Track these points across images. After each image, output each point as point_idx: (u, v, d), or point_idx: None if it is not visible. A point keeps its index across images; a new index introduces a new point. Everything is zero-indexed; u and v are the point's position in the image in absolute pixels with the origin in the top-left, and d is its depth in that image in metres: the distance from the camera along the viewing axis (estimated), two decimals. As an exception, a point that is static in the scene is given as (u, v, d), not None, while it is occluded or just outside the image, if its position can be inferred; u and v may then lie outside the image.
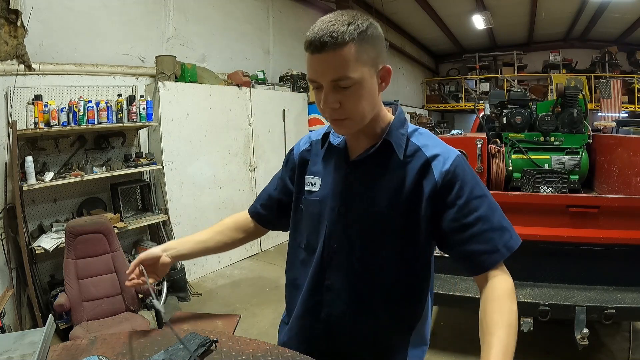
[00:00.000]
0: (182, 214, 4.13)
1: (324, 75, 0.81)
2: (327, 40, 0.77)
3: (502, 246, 0.88)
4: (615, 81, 10.06)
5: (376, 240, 0.94)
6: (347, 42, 0.78)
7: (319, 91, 0.85)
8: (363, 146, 0.95)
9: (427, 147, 0.93)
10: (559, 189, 2.79)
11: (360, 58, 0.80)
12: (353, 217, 0.95)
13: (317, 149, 1.04)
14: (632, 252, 2.31)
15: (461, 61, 13.20)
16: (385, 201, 0.92)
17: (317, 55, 0.80)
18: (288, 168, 1.11)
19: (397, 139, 0.93)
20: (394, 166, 0.92)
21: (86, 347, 1.06)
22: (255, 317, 3.34)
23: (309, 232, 1.02)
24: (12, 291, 2.90)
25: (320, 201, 0.99)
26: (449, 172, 0.89)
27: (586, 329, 2.13)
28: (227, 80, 4.84)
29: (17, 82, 3.08)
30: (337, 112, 0.85)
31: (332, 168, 0.99)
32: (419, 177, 0.90)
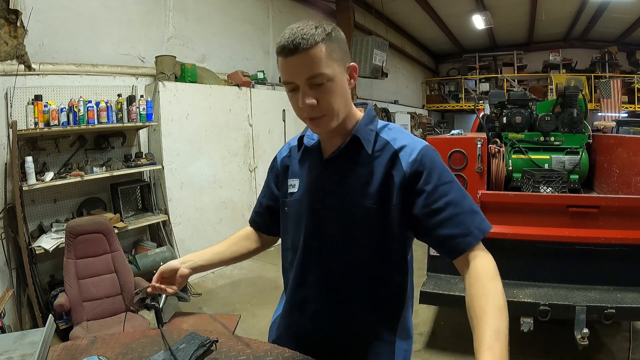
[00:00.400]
0: (182, 214, 4.13)
1: (299, 74, 0.86)
2: (300, 41, 0.84)
3: (475, 228, 0.90)
4: (615, 81, 10.07)
5: (353, 234, 0.97)
6: (318, 42, 0.85)
7: (295, 93, 0.89)
8: (335, 144, 0.99)
9: (395, 140, 0.97)
10: (559, 189, 2.79)
11: (331, 56, 0.87)
12: (329, 213, 0.98)
13: (295, 153, 1.09)
14: (632, 252, 2.31)
15: (461, 61, 13.20)
16: (358, 195, 0.95)
17: (291, 58, 0.85)
18: (273, 175, 1.16)
19: (365, 134, 0.97)
20: (364, 161, 0.96)
21: (86, 347, 1.06)
22: (255, 317, 3.34)
23: (292, 232, 1.06)
24: (12, 291, 2.90)
25: (299, 201, 1.03)
26: (416, 161, 0.93)
27: (586, 329, 2.13)
28: (227, 80, 4.84)
29: (17, 82, 3.08)
30: (315, 110, 0.89)
31: (308, 168, 1.04)
32: (389, 169, 0.94)
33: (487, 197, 2.53)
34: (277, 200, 1.13)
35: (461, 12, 8.82)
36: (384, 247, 0.98)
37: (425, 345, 2.85)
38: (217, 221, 4.50)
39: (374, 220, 0.95)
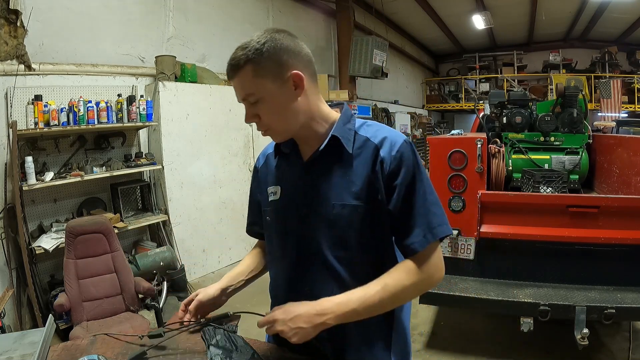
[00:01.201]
0: (182, 214, 4.13)
1: (237, 96, 0.94)
2: (229, 68, 0.91)
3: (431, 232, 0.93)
4: (615, 81, 10.07)
5: (343, 235, 0.96)
6: (242, 66, 0.89)
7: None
8: (312, 146, 0.99)
9: (374, 137, 0.97)
10: (559, 189, 2.79)
11: (258, 74, 0.89)
12: (316, 217, 0.97)
13: (272, 160, 1.09)
14: (632, 252, 2.32)
15: (461, 61, 13.21)
16: (346, 194, 0.95)
17: (231, 81, 0.93)
18: (254, 185, 1.17)
19: (344, 133, 0.97)
20: (346, 160, 0.96)
21: (86, 347, 1.06)
22: (255, 317, 3.34)
23: (278, 240, 1.05)
24: (12, 291, 2.90)
25: (283, 207, 1.02)
26: (397, 158, 0.93)
27: (586, 329, 2.13)
28: (227, 80, 4.83)
29: (17, 82, 3.08)
30: (259, 125, 0.95)
31: (288, 174, 1.04)
32: (372, 165, 0.94)
33: (487, 197, 2.53)
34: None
35: (461, 12, 8.83)
36: (375, 244, 0.98)
37: (425, 345, 2.85)
38: (217, 221, 4.50)
39: (362, 219, 0.95)
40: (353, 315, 0.90)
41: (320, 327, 0.88)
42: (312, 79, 0.96)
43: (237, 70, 0.90)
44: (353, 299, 0.89)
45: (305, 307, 0.89)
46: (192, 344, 1.05)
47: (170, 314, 2.88)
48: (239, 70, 0.90)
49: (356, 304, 0.89)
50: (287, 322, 0.88)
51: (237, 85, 0.92)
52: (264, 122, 0.94)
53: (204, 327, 1.07)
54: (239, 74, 0.90)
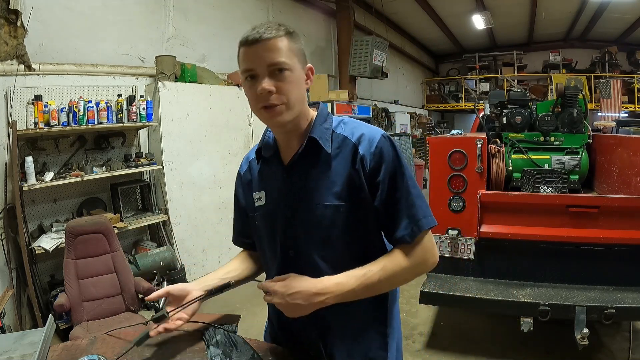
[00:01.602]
0: (182, 214, 4.13)
1: (261, 61, 0.89)
2: (264, 32, 0.88)
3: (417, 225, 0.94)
4: (615, 81, 10.07)
5: (328, 236, 0.96)
6: (281, 35, 0.90)
7: (254, 81, 0.91)
8: (293, 149, 1.00)
9: (352, 134, 0.98)
10: (559, 189, 2.79)
11: (292, 50, 0.91)
12: (300, 219, 0.97)
13: (255, 165, 1.09)
14: (632, 252, 2.31)
15: (461, 61, 13.21)
16: (326, 195, 0.95)
17: (254, 46, 0.89)
18: (239, 191, 1.15)
19: (321, 133, 0.98)
20: (325, 161, 0.97)
21: (86, 347, 1.06)
22: (255, 317, 3.34)
23: (267, 246, 1.05)
24: (12, 291, 2.90)
25: (269, 213, 1.02)
26: (376, 154, 0.94)
27: (586, 329, 2.13)
28: (227, 80, 4.84)
29: (17, 82, 3.08)
30: (273, 97, 0.90)
31: (271, 178, 1.04)
32: (352, 163, 0.95)
33: (487, 197, 2.53)
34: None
35: (461, 12, 8.83)
36: (359, 242, 0.98)
37: (425, 345, 2.85)
38: (217, 221, 4.50)
39: (345, 218, 0.95)
40: (351, 295, 0.91)
41: (317, 305, 0.89)
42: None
43: (273, 38, 0.88)
44: (352, 279, 0.90)
45: (306, 284, 0.89)
46: (192, 344, 1.05)
47: (170, 314, 2.89)
48: (276, 38, 0.89)
49: (355, 284, 0.90)
50: (285, 296, 0.89)
51: (268, 48, 0.88)
52: (282, 95, 0.90)
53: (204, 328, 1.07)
54: (272, 41, 0.88)
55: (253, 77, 0.91)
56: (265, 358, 0.98)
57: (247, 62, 0.91)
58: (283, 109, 0.91)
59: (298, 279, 0.90)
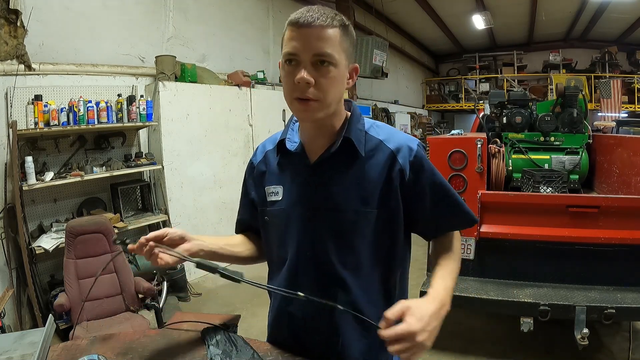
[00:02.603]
0: (182, 214, 4.13)
1: (308, 48, 0.82)
2: (318, 17, 0.82)
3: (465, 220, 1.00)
4: (615, 81, 10.07)
5: (350, 241, 0.92)
6: (335, 26, 0.83)
7: (294, 68, 0.84)
8: (321, 146, 0.94)
9: (388, 140, 0.94)
10: (559, 189, 2.79)
11: (342, 44, 0.85)
12: (323, 221, 0.93)
13: (273, 157, 1.02)
14: (632, 252, 2.31)
15: (461, 61, 13.21)
16: (356, 199, 0.91)
17: (305, 30, 0.82)
18: (249, 181, 1.08)
19: (356, 135, 0.93)
20: (358, 163, 0.92)
21: (86, 347, 1.06)
22: (255, 317, 3.34)
23: (277, 244, 1.00)
24: (12, 291, 2.90)
25: (286, 210, 0.96)
26: (416, 164, 0.92)
27: (586, 329, 2.13)
28: (227, 80, 4.84)
29: (17, 82, 3.08)
30: (310, 91, 0.84)
31: (292, 174, 0.97)
32: (387, 170, 0.91)
33: (487, 197, 2.53)
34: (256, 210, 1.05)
35: (461, 12, 8.83)
36: (383, 251, 0.95)
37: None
38: (217, 221, 4.50)
39: (373, 225, 0.91)
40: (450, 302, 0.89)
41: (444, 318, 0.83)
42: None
43: (327, 26, 0.82)
44: (448, 283, 0.90)
45: (427, 305, 0.80)
46: (192, 344, 1.05)
47: (170, 314, 2.88)
48: (329, 27, 0.82)
49: (452, 285, 0.90)
50: (427, 328, 0.76)
51: (318, 36, 0.81)
52: (320, 90, 0.84)
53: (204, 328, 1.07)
54: (326, 29, 0.82)
55: (293, 63, 0.84)
56: (265, 358, 0.98)
57: (292, 45, 0.83)
58: (317, 105, 0.85)
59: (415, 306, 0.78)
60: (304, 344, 0.99)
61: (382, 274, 0.97)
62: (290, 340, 1.01)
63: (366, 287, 0.95)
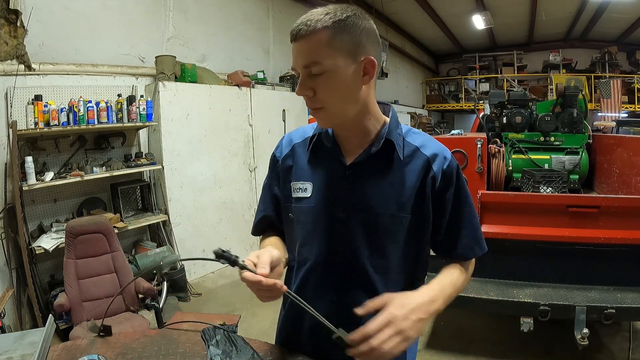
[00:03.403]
0: (182, 214, 4.13)
1: (298, 62, 0.83)
2: (301, 28, 0.80)
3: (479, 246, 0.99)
4: (615, 81, 10.06)
5: (382, 245, 0.92)
6: (319, 30, 0.80)
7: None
8: (356, 147, 0.93)
9: (424, 147, 0.94)
10: (559, 189, 2.79)
11: (333, 45, 0.80)
12: (356, 222, 0.91)
13: (302, 152, 0.99)
14: (632, 252, 2.31)
15: (461, 61, 13.20)
16: (392, 203, 0.90)
17: (294, 44, 0.82)
18: (273, 175, 1.04)
19: (397, 139, 0.92)
20: (396, 166, 0.92)
21: (86, 347, 1.06)
22: (255, 317, 3.34)
23: (301, 243, 0.97)
24: (12, 291, 2.90)
25: (315, 208, 0.94)
26: (447, 173, 0.92)
27: (586, 329, 2.13)
28: (227, 80, 4.84)
29: (17, 82, 3.08)
30: (312, 101, 0.85)
31: (324, 171, 0.95)
32: (422, 176, 0.91)
33: (487, 197, 2.53)
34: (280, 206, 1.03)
35: (461, 12, 8.82)
36: (412, 256, 0.95)
37: (425, 346, 2.85)
38: (217, 221, 4.50)
39: (406, 230, 0.91)
40: (448, 301, 0.89)
41: (432, 315, 0.84)
42: (378, 73, 0.89)
43: (309, 34, 0.79)
44: (446, 285, 0.90)
45: (416, 296, 0.82)
46: (192, 344, 1.05)
47: (170, 314, 2.88)
48: (312, 34, 0.79)
49: (449, 290, 0.90)
50: (408, 316, 0.77)
51: (302, 48, 0.81)
52: (320, 98, 0.84)
53: (204, 328, 1.07)
54: (309, 38, 0.80)
55: (298, 76, 0.85)
56: (265, 358, 0.98)
57: (292, 61, 0.84)
58: (325, 113, 0.86)
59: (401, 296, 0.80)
60: (321, 348, 0.97)
61: (407, 279, 0.96)
62: (307, 344, 0.99)
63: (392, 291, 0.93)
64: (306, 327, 0.99)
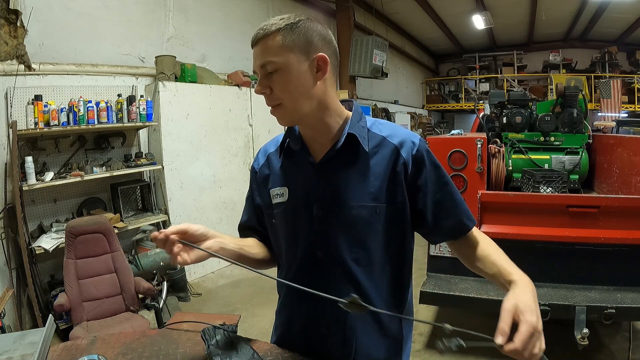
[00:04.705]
0: (182, 214, 4.13)
1: (255, 62, 0.89)
2: (258, 32, 0.88)
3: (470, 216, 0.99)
4: (615, 81, 10.07)
5: (361, 237, 0.94)
6: (273, 32, 0.86)
7: None
8: (323, 145, 0.96)
9: (391, 136, 0.96)
10: (559, 189, 2.79)
11: (285, 44, 0.86)
12: (333, 218, 0.93)
13: (276, 159, 1.03)
14: (632, 252, 2.31)
15: (461, 61, 13.20)
16: (364, 195, 0.92)
17: (254, 49, 0.89)
18: (253, 186, 1.09)
19: (359, 131, 0.94)
20: (363, 159, 0.94)
21: (86, 347, 1.06)
22: (255, 317, 3.34)
23: (286, 245, 1.00)
24: (12, 291, 2.90)
25: (293, 210, 0.97)
26: (418, 157, 0.94)
27: (586, 329, 2.13)
28: (227, 80, 4.84)
29: (17, 82, 3.08)
30: (270, 98, 0.90)
31: (297, 174, 0.98)
32: (392, 165, 0.93)
33: (487, 197, 2.53)
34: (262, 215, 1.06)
35: (461, 12, 8.83)
36: (394, 245, 0.96)
37: (425, 345, 2.85)
38: (217, 221, 4.50)
39: (381, 219, 0.93)
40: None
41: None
42: (334, 71, 0.93)
43: (264, 37, 0.87)
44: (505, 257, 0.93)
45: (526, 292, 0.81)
46: (192, 344, 1.05)
47: (171, 314, 2.88)
48: (266, 37, 0.87)
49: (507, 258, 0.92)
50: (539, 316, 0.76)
51: (259, 51, 0.88)
52: (276, 95, 0.89)
53: (204, 328, 1.07)
54: (264, 40, 0.87)
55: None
56: (265, 358, 0.98)
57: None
58: (282, 109, 0.90)
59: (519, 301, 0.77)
60: (317, 347, 0.99)
61: (393, 269, 0.98)
62: (302, 343, 1.01)
63: (377, 283, 0.96)
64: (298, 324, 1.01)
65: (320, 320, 0.97)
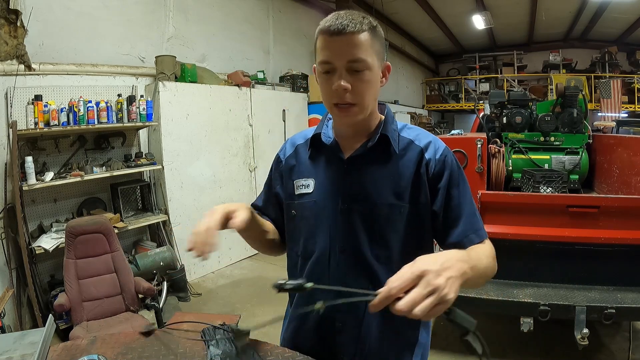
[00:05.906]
0: (182, 214, 4.13)
1: (341, 56, 0.86)
2: (348, 24, 0.84)
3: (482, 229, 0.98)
4: (615, 81, 10.06)
5: (383, 234, 0.95)
6: (365, 30, 0.86)
7: (330, 76, 0.88)
8: (355, 142, 0.98)
9: (418, 140, 0.99)
10: (559, 189, 2.79)
11: (373, 47, 0.87)
12: (357, 213, 0.95)
13: (304, 151, 1.05)
14: (632, 252, 2.31)
15: (461, 61, 13.19)
16: (390, 193, 0.94)
17: (336, 37, 0.85)
18: (276, 175, 1.10)
19: (392, 133, 0.98)
20: (392, 159, 0.96)
21: (86, 347, 1.06)
22: (255, 317, 3.34)
23: (305, 237, 1.01)
24: (12, 291, 2.90)
25: (317, 202, 0.99)
26: (441, 160, 0.96)
27: (586, 329, 2.13)
28: (227, 80, 4.84)
29: (17, 82, 3.08)
30: (347, 96, 0.88)
31: (324, 167, 1.00)
32: (417, 167, 0.96)
33: (487, 197, 2.53)
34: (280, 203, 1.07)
35: (461, 12, 8.82)
36: (414, 245, 0.97)
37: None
38: (217, 221, 4.50)
39: (405, 219, 0.95)
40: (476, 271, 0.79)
41: (463, 277, 0.72)
42: None
43: (356, 32, 0.84)
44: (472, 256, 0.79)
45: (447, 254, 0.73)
46: (192, 344, 1.05)
47: (170, 314, 2.88)
48: (358, 32, 0.85)
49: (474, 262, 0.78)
50: (441, 272, 0.67)
51: (349, 44, 0.84)
52: (356, 94, 0.88)
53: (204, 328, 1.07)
54: (356, 35, 0.84)
55: (329, 70, 0.88)
56: (265, 358, 0.98)
57: (326, 54, 0.87)
58: (356, 109, 0.90)
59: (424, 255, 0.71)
60: (330, 346, 0.99)
61: None
62: (315, 337, 1.02)
63: None
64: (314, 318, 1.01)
65: (336, 315, 0.97)
